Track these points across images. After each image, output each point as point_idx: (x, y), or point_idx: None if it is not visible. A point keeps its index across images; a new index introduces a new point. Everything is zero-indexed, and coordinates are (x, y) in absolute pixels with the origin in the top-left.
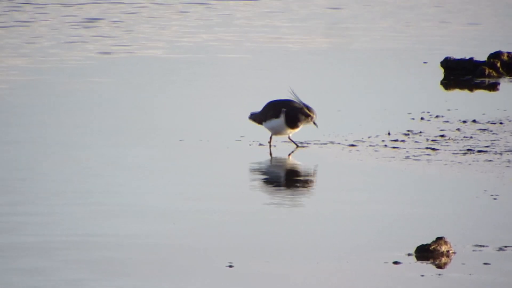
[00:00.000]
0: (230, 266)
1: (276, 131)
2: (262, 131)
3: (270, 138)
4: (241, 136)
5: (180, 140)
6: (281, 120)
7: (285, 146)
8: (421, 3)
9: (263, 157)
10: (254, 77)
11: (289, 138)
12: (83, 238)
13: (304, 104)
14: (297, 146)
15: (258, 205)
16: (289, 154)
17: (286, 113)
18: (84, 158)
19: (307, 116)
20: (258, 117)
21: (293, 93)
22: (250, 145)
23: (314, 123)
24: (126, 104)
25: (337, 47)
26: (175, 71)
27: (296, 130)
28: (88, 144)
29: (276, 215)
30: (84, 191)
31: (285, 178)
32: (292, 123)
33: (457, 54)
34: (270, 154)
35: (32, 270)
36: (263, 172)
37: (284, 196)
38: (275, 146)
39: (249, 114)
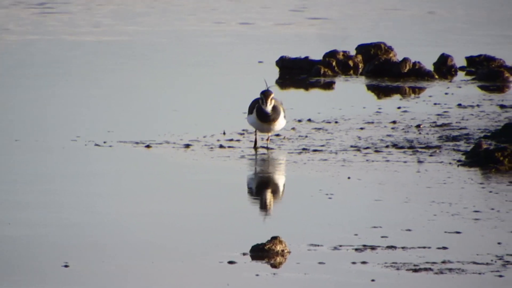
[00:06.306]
0: (66, 266)
1: (255, 127)
2: (98, 131)
3: (255, 132)
4: (77, 136)
5: (16, 140)
6: (253, 115)
7: (121, 146)
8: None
9: (98, 158)
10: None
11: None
12: None
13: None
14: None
15: (93, 205)
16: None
17: (257, 108)
18: None
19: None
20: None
21: (265, 81)
22: (85, 145)
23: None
24: None
25: (171, 43)
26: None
27: (274, 124)
28: None
29: (112, 215)
30: None
31: (115, 180)
32: (263, 116)
33: (294, 53)
34: (255, 148)
35: None
36: (97, 172)
37: (117, 196)
38: (271, 147)
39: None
